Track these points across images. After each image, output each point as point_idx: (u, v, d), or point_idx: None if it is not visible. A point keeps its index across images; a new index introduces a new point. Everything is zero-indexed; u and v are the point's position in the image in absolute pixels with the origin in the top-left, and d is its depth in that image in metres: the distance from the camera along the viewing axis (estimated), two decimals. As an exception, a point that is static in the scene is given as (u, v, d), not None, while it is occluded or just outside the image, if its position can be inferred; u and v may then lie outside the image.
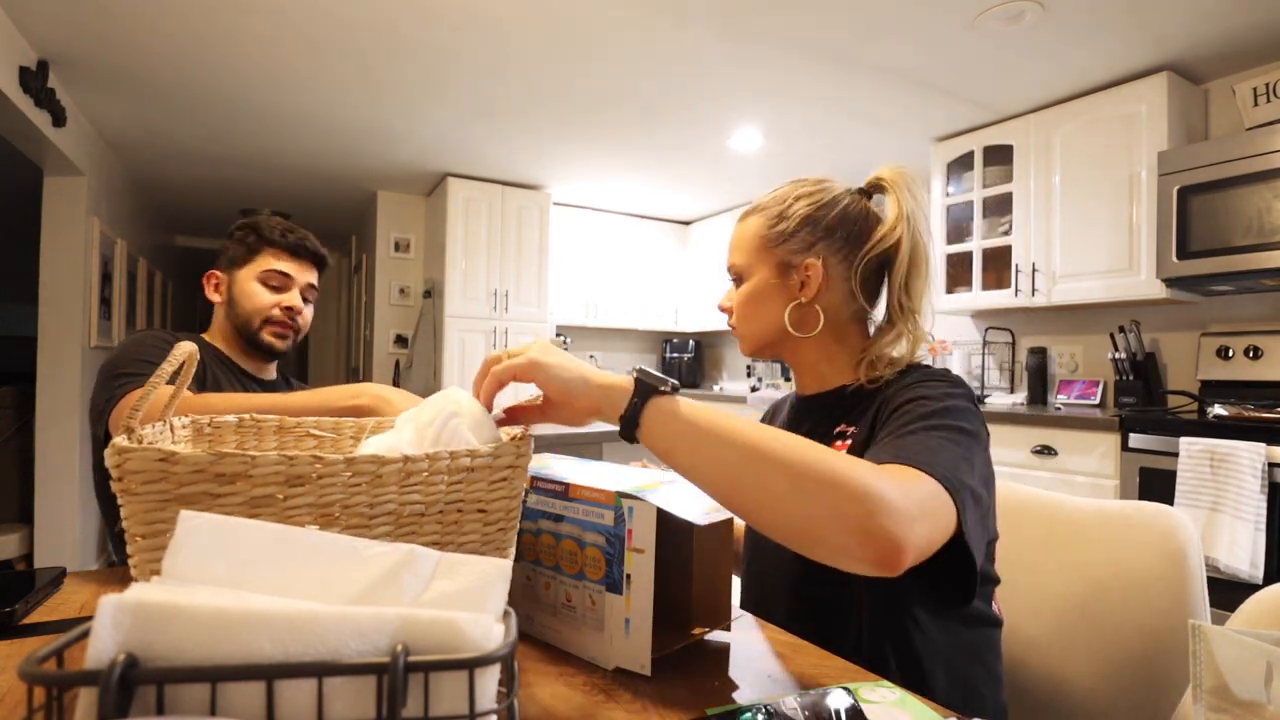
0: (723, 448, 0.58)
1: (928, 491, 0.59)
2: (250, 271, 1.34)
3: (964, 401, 0.75)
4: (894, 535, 0.53)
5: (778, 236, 0.87)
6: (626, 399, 0.61)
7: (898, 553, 0.53)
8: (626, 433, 0.61)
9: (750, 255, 0.89)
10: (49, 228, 3.13)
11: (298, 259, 1.37)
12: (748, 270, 0.90)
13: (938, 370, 0.83)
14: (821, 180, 0.91)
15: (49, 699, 0.30)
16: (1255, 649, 0.41)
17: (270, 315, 1.33)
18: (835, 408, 0.87)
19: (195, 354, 0.59)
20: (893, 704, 0.56)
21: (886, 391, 0.81)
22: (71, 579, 0.89)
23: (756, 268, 0.89)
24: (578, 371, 0.62)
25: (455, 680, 0.34)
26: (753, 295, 0.89)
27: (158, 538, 0.47)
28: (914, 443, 0.67)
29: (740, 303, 0.90)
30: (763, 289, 0.88)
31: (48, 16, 2.31)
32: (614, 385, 0.62)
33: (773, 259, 0.88)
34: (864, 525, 0.53)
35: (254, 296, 1.33)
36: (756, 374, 4.66)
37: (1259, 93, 2.47)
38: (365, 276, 5.04)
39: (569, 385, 0.62)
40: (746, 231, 0.90)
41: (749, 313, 0.90)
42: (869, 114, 3.10)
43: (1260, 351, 2.46)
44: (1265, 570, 1.95)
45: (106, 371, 1.17)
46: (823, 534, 0.55)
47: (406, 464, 0.52)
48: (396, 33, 2.43)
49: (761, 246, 0.88)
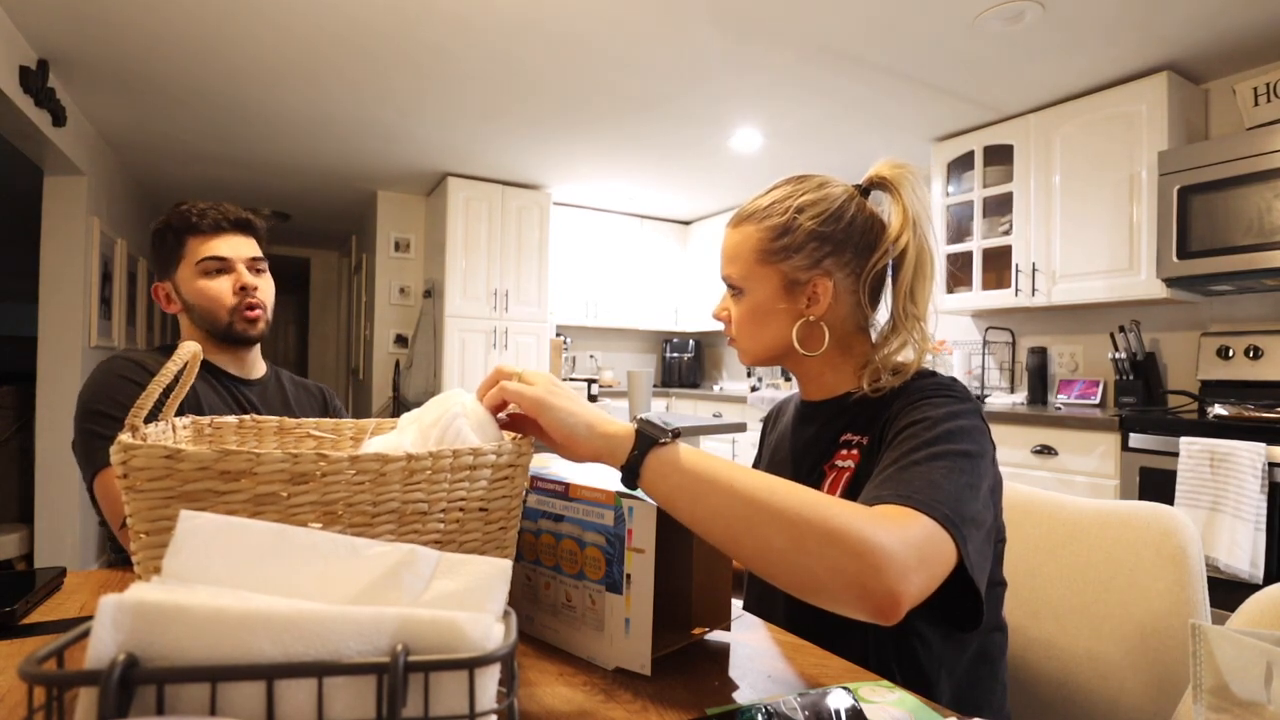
0: (722, 501, 0.59)
1: (926, 535, 0.59)
2: (187, 268, 1.25)
3: (968, 419, 0.73)
4: (890, 590, 0.54)
5: (782, 251, 0.82)
6: (628, 449, 0.61)
7: (894, 606, 0.55)
8: (627, 482, 0.62)
9: (749, 268, 0.84)
10: (49, 228, 3.13)
11: (223, 235, 1.26)
12: (747, 284, 0.84)
13: (943, 379, 0.80)
14: (822, 183, 0.85)
15: (49, 699, 0.30)
16: (1255, 649, 0.41)
17: (230, 304, 1.25)
18: (840, 415, 0.85)
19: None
20: (893, 704, 0.56)
21: (893, 404, 0.78)
22: (71, 579, 0.89)
23: (758, 282, 0.84)
24: (582, 418, 0.63)
25: (455, 680, 0.34)
26: (755, 312, 0.85)
27: (162, 535, 0.47)
28: (916, 476, 0.66)
29: (741, 319, 0.86)
30: (766, 307, 0.84)
31: (48, 16, 2.31)
32: (616, 435, 0.62)
33: (776, 275, 0.83)
34: (861, 581, 0.54)
35: (204, 291, 1.24)
36: (757, 374, 4.66)
37: (1259, 93, 2.47)
38: (365, 276, 5.04)
39: (573, 431, 0.62)
40: (745, 242, 0.84)
41: (752, 330, 0.85)
42: (869, 114, 3.10)
43: (1260, 351, 2.46)
44: (1265, 570, 1.95)
45: (82, 408, 1.13)
46: (822, 587, 0.56)
47: (410, 462, 0.51)
48: (397, 33, 2.43)
49: (762, 260, 0.83)
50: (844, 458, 0.81)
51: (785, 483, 0.60)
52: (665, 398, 4.91)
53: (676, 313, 5.33)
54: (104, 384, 1.16)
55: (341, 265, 6.69)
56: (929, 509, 0.61)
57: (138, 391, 1.12)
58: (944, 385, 0.78)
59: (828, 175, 0.87)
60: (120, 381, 1.16)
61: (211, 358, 1.29)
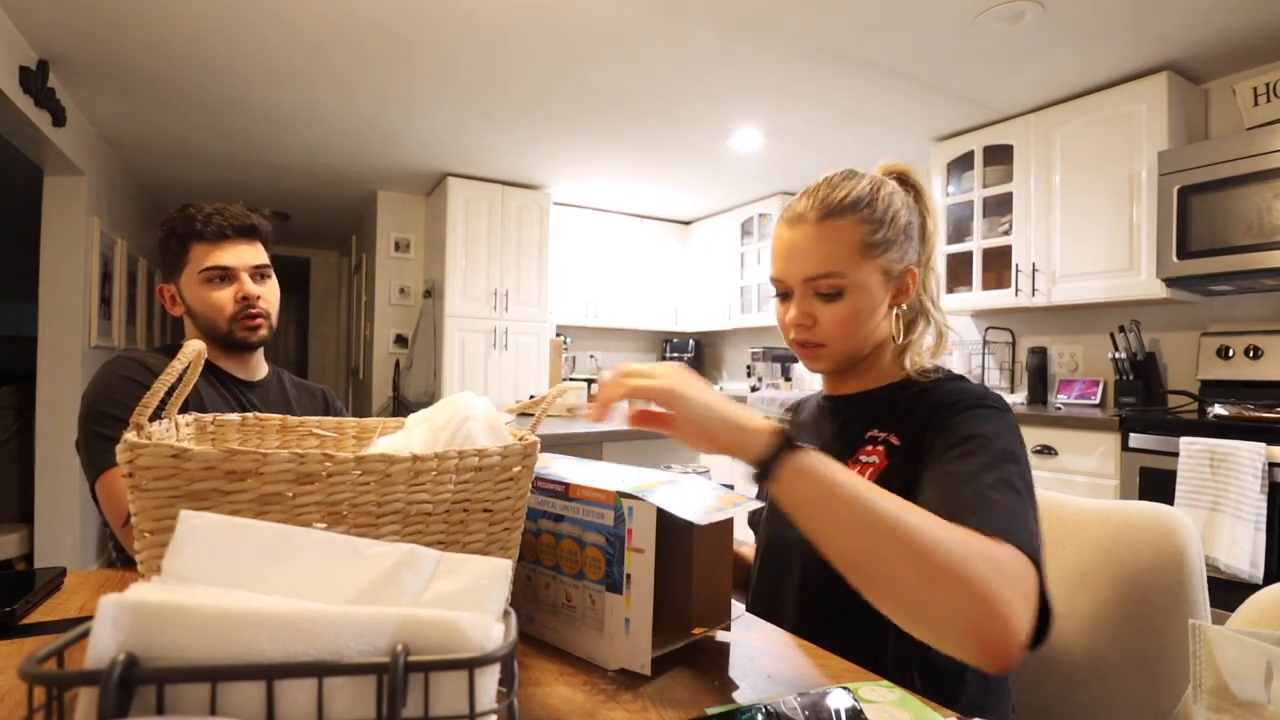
0: (852, 521, 0.58)
1: (1025, 573, 0.59)
2: (191, 275, 1.25)
3: (1015, 436, 0.74)
4: (1008, 639, 0.54)
5: (883, 244, 0.80)
6: (763, 442, 0.61)
7: (1008, 655, 0.54)
8: (758, 479, 0.62)
9: (852, 263, 0.79)
10: (49, 228, 3.13)
11: (228, 243, 1.25)
12: (849, 281, 0.80)
13: (974, 387, 0.80)
14: (881, 175, 0.87)
15: (49, 699, 0.30)
16: (1255, 649, 0.41)
17: (230, 313, 1.25)
18: (866, 411, 0.86)
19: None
20: (893, 704, 0.56)
21: (926, 407, 0.78)
22: (71, 579, 0.89)
23: (861, 279, 0.80)
24: (717, 412, 0.63)
25: (455, 680, 0.34)
26: (859, 311, 0.81)
27: (167, 534, 0.47)
28: (999, 505, 0.65)
29: (841, 320, 0.81)
30: (871, 303, 0.81)
31: (48, 16, 2.31)
32: (753, 429, 0.62)
33: (877, 269, 0.81)
34: (982, 628, 0.54)
35: (206, 300, 1.24)
36: (756, 374, 4.66)
37: (1259, 93, 2.47)
38: (365, 276, 5.04)
39: (705, 423, 0.62)
40: (843, 236, 0.79)
41: (851, 330, 0.82)
42: (869, 114, 3.10)
43: (1260, 351, 2.46)
44: (1265, 570, 1.95)
45: (86, 409, 1.13)
46: (939, 626, 0.56)
47: (415, 463, 0.52)
48: (397, 33, 2.43)
49: (865, 254, 0.79)
50: (869, 453, 0.81)
51: (912, 510, 0.59)
52: (665, 398, 4.91)
53: (676, 313, 5.33)
54: (109, 384, 1.16)
55: (341, 265, 6.69)
56: (1023, 545, 0.61)
57: (142, 392, 1.12)
58: (983, 396, 0.78)
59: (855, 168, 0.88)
60: (125, 382, 1.16)
61: (214, 359, 1.29)
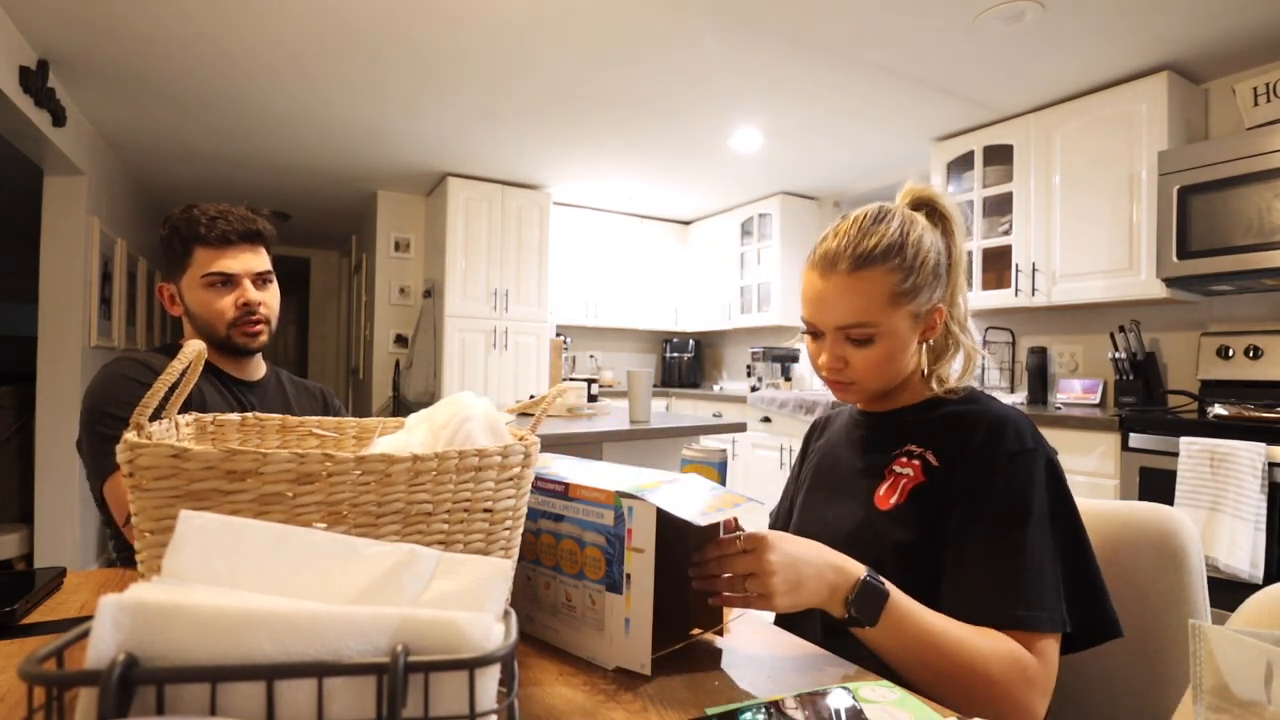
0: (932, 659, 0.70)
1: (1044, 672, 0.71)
2: (192, 278, 1.24)
3: (1051, 476, 0.79)
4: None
5: (912, 291, 0.84)
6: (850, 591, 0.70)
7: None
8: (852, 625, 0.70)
9: (882, 314, 0.83)
10: (49, 228, 3.13)
11: (231, 249, 1.24)
12: (879, 330, 0.84)
13: (1011, 417, 0.83)
14: (910, 212, 0.88)
15: (49, 699, 0.30)
16: (1255, 649, 0.41)
17: (230, 318, 1.25)
18: (898, 427, 0.90)
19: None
20: (893, 704, 0.56)
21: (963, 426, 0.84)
22: (71, 579, 0.89)
23: (892, 325, 0.84)
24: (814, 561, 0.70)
25: (455, 680, 0.34)
26: (890, 355, 0.85)
27: (167, 534, 0.47)
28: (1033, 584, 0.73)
29: (873, 363, 0.86)
30: (900, 346, 0.86)
31: (48, 16, 2.31)
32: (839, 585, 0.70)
33: (907, 315, 0.85)
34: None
35: (206, 304, 1.24)
36: (756, 374, 4.65)
37: (1259, 93, 2.47)
38: (365, 276, 5.04)
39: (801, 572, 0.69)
40: (874, 288, 0.83)
41: (883, 371, 0.86)
42: (869, 114, 3.10)
43: (1260, 351, 2.46)
44: (1265, 570, 1.95)
45: (89, 410, 1.13)
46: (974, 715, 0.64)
47: (415, 463, 0.51)
48: (397, 33, 2.43)
49: (895, 303, 0.83)
50: (904, 465, 0.86)
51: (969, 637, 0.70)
52: (665, 397, 4.91)
53: (676, 312, 5.33)
54: (112, 385, 1.16)
55: (341, 265, 6.69)
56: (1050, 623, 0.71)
57: (144, 392, 1.13)
58: (1021, 434, 0.81)
59: (884, 204, 0.89)
60: (128, 382, 1.16)
61: (214, 360, 1.29)
